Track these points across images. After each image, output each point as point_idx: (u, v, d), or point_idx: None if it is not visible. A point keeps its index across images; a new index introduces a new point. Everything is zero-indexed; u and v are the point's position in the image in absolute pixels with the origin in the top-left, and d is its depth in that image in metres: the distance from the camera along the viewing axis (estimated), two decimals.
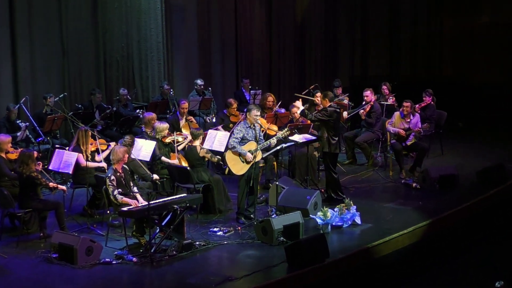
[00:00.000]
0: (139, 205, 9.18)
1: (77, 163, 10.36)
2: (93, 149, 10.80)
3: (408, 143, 12.75)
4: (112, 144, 10.98)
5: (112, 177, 9.31)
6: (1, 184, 9.98)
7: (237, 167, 10.15)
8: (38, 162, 9.87)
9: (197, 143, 11.04)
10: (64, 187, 9.94)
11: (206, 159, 11.07)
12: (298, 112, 11.18)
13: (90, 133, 10.64)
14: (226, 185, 11.10)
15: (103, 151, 10.87)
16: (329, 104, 11.00)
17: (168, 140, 11.36)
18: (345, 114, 13.86)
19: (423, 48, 20.68)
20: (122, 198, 9.25)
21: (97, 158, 10.82)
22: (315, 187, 11.54)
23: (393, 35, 21.15)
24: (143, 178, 10.63)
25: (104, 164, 10.62)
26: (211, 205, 10.75)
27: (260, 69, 18.90)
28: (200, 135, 11.11)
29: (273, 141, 10.39)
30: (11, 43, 13.66)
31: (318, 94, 13.88)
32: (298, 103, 11.50)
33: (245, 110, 11.05)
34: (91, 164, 10.54)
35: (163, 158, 11.10)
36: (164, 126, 11.35)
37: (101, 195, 9.78)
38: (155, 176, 10.62)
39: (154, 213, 9.07)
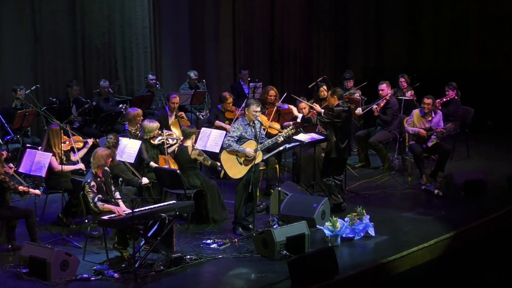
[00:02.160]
0: (123, 213, 9.17)
1: (50, 166, 10.35)
2: (67, 148, 10.78)
3: (429, 144, 12.74)
4: (90, 141, 10.97)
5: (92, 183, 9.30)
6: None
7: (234, 170, 10.15)
8: (9, 164, 9.87)
9: (189, 143, 11.02)
10: (38, 191, 9.92)
11: (198, 161, 11.07)
12: (299, 119, 11.20)
13: (61, 131, 10.56)
14: (222, 190, 11.11)
15: (79, 149, 10.86)
16: (337, 102, 11.01)
17: (157, 141, 11.35)
18: (358, 110, 13.85)
19: (447, 36, 20.65)
20: (103, 205, 9.25)
21: (73, 158, 10.81)
22: (323, 194, 11.54)
23: (412, 20, 21.13)
24: (129, 183, 10.62)
25: (81, 165, 10.60)
26: (204, 213, 10.76)
27: (260, 59, 18.89)
28: (192, 133, 11.09)
29: (280, 139, 10.36)
30: None
31: (324, 87, 13.88)
32: (295, 110, 11.55)
33: (243, 105, 11.05)
34: (67, 168, 10.52)
35: (152, 163, 11.09)
36: (154, 125, 11.32)
37: (78, 201, 9.78)
38: (145, 180, 10.60)
39: (139, 222, 9.07)
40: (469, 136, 14.76)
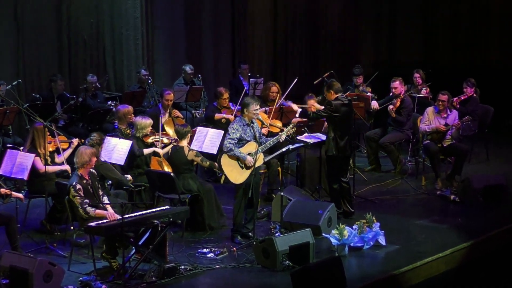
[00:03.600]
0: (116, 218, 9.15)
1: (34, 168, 10.37)
2: (52, 148, 10.80)
3: (445, 144, 12.75)
4: (75, 140, 10.99)
5: (78, 186, 9.31)
6: None
7: (236, 175, 10.17)
8: None
9: (184, 143, 11.05)
10: (20, 195, 9.93)
11: (195, 163, 11.09)
12: (297, 114, 11.21)
13: (46, 130, 10.59)
14: (219, 195, 11.12)
15: (64, 150, 10.89)
16: (335, 96, 11.05)
17: (150, 140, 11.38)
18: (375, 104, 13.87)
19: (465, 28, 20.67)
20: (94, 210, 9.25)
21: (57, 159, 10.84)
22: (329, 199, 11.56)
23: (428, 11, 21.14)
24: (118, 183, 10.65)
25: (67, 167, 10.62)
26: (200, 220, 10.78)
27: (262, 52, 18.90)
28: (187, 133, 11.12)
29: (282, 138, 10.38)
30: None
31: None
32: (294, 106, 11.53)
33: (239, 103, 11.03)
34: (51, 169, 10.55)
35: (145, 150, 11.16)
36: (146, 122, 11.39)
37: (63, 206, 9.79)
38: (128, 177, 10.67)
39: (129, 229, 9.09)
40: (488, 137, 14.77)
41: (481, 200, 11.99)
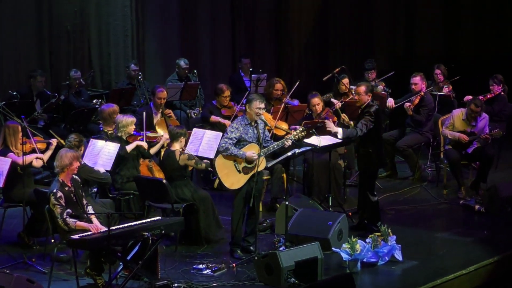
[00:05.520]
0: (102, 230, 9.13)
1: (11, 169, 10.34)
2: (27, 150, 10.79)
3: (470, 150, 12.71)
4: (54, 141, 10.98)
5: (59, 194, 9.28)
6: None
7: (231, 179, 10.15)
8: None
9: (176, 146, 11.03)
10: None
11: (190, 168, 11.07)
12: (339, 135, 11.01)
13: (20, 128, 10.59)
14: (217, 204, 11.12)
15: (42, 151, 10.87)
16: (369, 100, 10.97)
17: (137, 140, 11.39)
18: (390, 101, 13.83)
19: (492, 18, 20.68)
20: (75, 222, 9.22)
21: (35, 163, 10.82)
22: (340, 209, 11.54)
23: None
24: (101, 183, 10.70)
25: (40, 155, 10.64)
26: (195, 232, 10.77)
27: (265, 45, 18.91)
28: (181, 135, 11.09)
29: (288, 143, 10.36)
30: None
31: (345, 80, 13.87)
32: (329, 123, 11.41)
33: (243, 101, 11.00)
34: (28, 158, 10.52)
35: (127, 147, 11.21)
36: (128, 120, 11.37)
37: (43, 216, 9.77)
38: (101, 169, 10.74)
39: (116, 242, 9.06)
40: None
41: (510, 210, 11.98)
